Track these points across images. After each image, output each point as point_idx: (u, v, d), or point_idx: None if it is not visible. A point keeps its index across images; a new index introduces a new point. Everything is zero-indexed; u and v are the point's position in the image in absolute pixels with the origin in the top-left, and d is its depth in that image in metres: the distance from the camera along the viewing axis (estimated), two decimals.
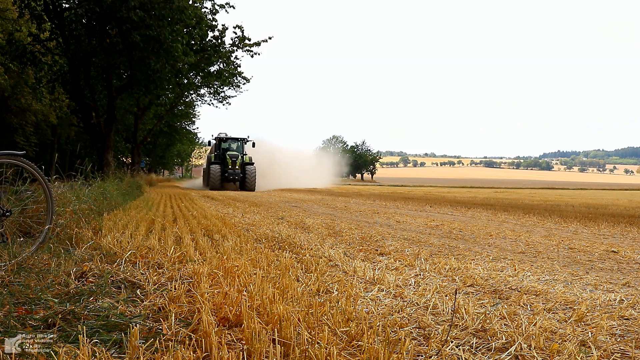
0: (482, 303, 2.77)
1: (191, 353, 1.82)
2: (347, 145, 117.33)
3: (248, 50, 24.20)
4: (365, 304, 2.66)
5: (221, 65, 25.59)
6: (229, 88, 28.96)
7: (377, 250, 4.79)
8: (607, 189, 41.80)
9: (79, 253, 3.72)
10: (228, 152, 26.91)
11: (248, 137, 28.34)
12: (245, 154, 27.62)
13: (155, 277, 3.11)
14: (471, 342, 2.12)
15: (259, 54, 24.31)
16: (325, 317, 2.31)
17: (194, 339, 2.00)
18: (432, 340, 2.11)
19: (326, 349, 1.86)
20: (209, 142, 28.84)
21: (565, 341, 2.14)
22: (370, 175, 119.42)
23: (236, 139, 28.26)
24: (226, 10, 22.73)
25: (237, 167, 26.17)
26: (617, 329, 2.37)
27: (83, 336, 1.86)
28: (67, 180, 6.45)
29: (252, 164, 26.99)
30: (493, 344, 2.10)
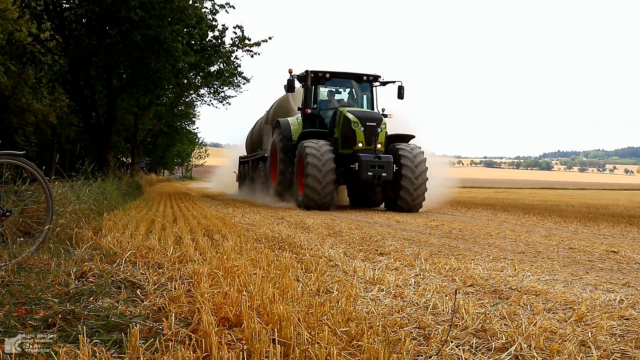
0: (482, 303, 2.77)
1: (191, 353, 1.82)
2: None
3: (248, 50, 24.16)
4: (365, 304, 2.66)
5: (221, 65, 25.54)
6: (229, 88, 28.91)
7: (377, 250, 4.78)
8: (607, 189, 41.78)
9: (79, 253, 3.72)
10: (350, 111, 11.36)
11: (381, 77, 12.46)
12: (386, 114, 11.89)
13: (155, 277, 3.11)
14: (471, 342, 2.12)
15: (259, 54, 24.27)
16: (325, 317, 2.31)
17: (194, 339, 2.00)
18: (432, 340, 2.11)
19: (326, 349, 1.86)
20: (289, 83, 12.04)
21: (565, 341, 2.14)
22: None
23: (357, 77, 12.33)
24: (226, 11, 22.72)
25: (380, 147, 11.09)
26: (617, 329, 2.37)
27: (83, 336, 1.86)
28: (67, 180, 6.45)
29: (410, 137, 11.79)
30: (493, 344, 2.10)
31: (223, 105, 30.20)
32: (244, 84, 28.15)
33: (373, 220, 8.35)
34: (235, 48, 24.16)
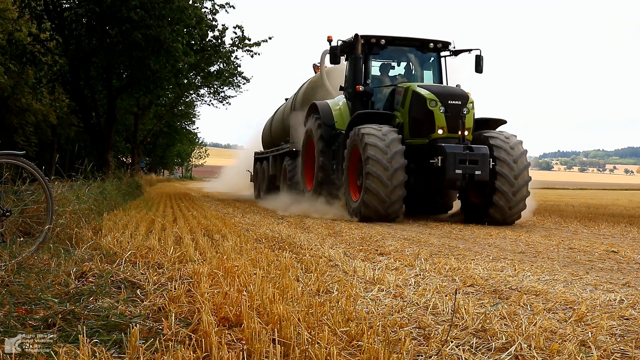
0: (482, 303, 2.77)
1: (191, 353, 1.82)
2: None
3: (248, 50, 24.19)
4: (365, 304, 2.66)
5: (221, 65, 25.57)
6: (229, 88, 28.95)
7: (377, 250, 4.79)
8: (607, 189, 41.77)
9: (79, 253, 3.72)
10: (421, 86, 8.56)
11: (451, 44, 9.44)
12: (467, 93, 8.40)
13: (155, 277, 3.11)
14: (471, 342, 2.12)
15: (259, 54, 24.29)
16: (325, 317, 2.31)
17: (194, 339, 2.00)
18: (432, 340, 2.11)
19: (326, 349, 1.86)
20: (333, 52, 9.13)
21: (565, 341, 2.14)
22: None
23: (422, 44, 9.43)
24: (226, 10, 22.76)
25: (467, 134, 8.14)
26: (617, 329, 2.37)
27: (83, 336, 1.86)
28: (67, 180, 6.45)
29: (500, 122, 9.10)
30: (493, 344, 2.10)
31: (223, 105, 30.26)
32: (244, 84, 28.20)
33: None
34: (235, 48, 24.19)
